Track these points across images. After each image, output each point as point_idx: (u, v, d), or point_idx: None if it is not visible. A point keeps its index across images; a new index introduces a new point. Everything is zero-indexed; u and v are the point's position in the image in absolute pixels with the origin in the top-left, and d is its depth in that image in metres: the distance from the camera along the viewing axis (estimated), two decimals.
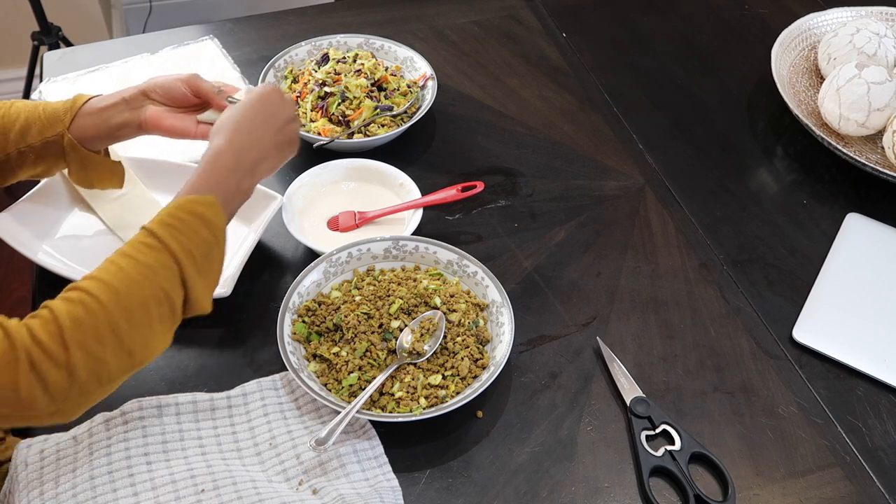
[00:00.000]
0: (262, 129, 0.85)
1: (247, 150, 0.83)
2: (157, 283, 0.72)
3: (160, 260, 0.73)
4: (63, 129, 0.88)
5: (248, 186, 0.84)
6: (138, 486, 0.78)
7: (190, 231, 0.75)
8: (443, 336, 0.89)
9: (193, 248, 0.75)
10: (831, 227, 1.10)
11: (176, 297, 0.74)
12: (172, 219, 0.75)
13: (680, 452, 0.84)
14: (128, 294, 0.70)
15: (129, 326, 0.70)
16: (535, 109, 1.26)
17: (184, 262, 0.74)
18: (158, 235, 0.74)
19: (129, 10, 2.61)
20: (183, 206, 0.77)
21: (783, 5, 1.49)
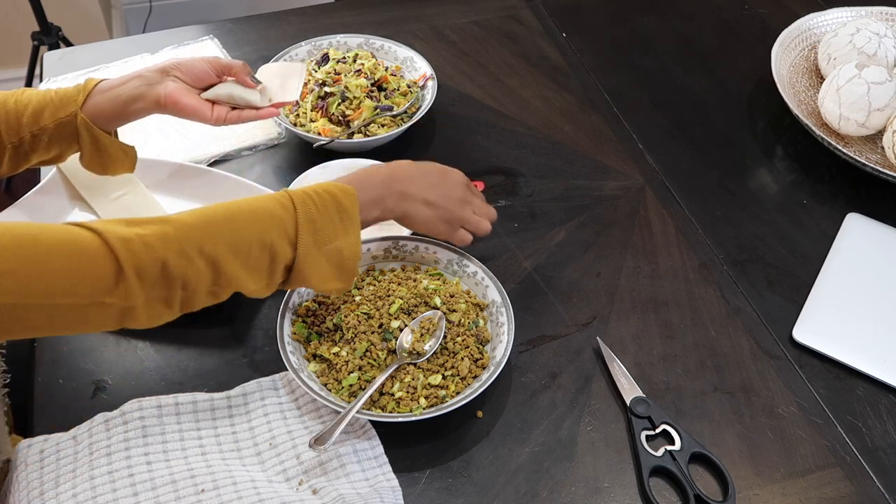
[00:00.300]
0: (425, 177, 0.89)
1: (404, 179, 0.87)
2: (268, 231, 0.75)
3: (279, 214, 0.76)
4: (76, 108, 0.88)
5: (390, 206, 0.86)
6: (138, 486, 0.78)
7: (320, 203, 0.78)
8: (443, 336, 0.89)
9: (318, 220, 0.78)
10: (831, 227, 1.10)
11: (281, 252, 0.76)
12: (310, 191, 0.79)
13: (680, 452, 0.84)
14: (237, 222, 0.74)
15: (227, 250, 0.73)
16: (535, 109, 1.26)
17: (302, 229, 0.77)
18: (291, 196, 0.78)
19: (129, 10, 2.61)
20: (322, 185, 0.81)
21: (783, 5, 1.49)
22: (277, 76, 1.01)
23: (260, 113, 0.96)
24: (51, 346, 0.91)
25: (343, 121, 1.14)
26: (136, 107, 0.90)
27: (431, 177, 0.90)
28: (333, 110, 1.13)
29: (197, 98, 0.92)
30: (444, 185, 0.90)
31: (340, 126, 1.14)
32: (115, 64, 1.28)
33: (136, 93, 0.90)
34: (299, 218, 0.77)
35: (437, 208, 0.89)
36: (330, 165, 1.08)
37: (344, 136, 1.12)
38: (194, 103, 0.92)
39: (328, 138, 1.11)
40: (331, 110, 1.14)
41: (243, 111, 0.95)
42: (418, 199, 0.88)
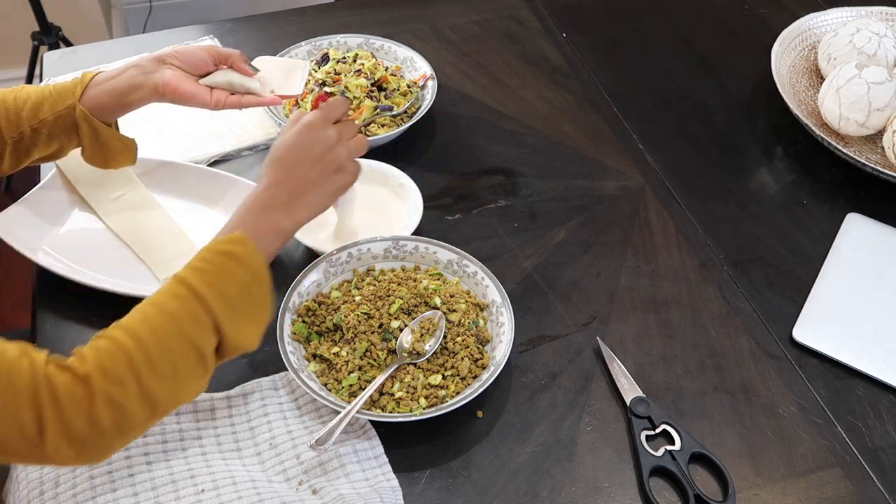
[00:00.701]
0: (298, 164, 0.81)
1: (281, 184, 0.80)
2: (183, 333, 0.70)
3: (187, 308, 0.70)
4: (74, 100, 0.88)
5: (287, 225, 0.80)
6: (138, 486, 0.78)
7: (220, 272, 0.73)
8: (443, 336, 0.89)
9: (227, 289, 0.72)
10: (831, 227, 1.10)
11: (205, 346, 0.71)
12: (201, 262, 0.73)
13: (680, 452, 0.84)
14: (151, 341, 0.68)
15: (154, 377, 0.68)
16: (535, 109, 1.26)
17: (215, 307, 0.71)
18: (186, 281, 0.71)
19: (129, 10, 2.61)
20: (211, 248, 0.74)
21: (783, 5, 1.49)
22: (281, 69, 1.00)
23: (262, 100, 0.95)
24: (51, 346, 0.91)
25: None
26: (134, 96, 0.90)
27: (297, 156, 0.81)
28: None
29: (195, 84, 0.92)
30: (315, 145, 0.82)
31: None
32: (114, 64, 1.28)
33: (134, 82, 0.89)
34: (207, 299, 0.71)
35: (323, 178, 0.82)
36: None
37: None
38: (193, 88, 0.91)
39: None
40: None
41: (244, 97, 0.94)
42: (304, 193, 0.81)
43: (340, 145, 0.84)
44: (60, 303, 0.95)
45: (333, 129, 0.84)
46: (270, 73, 0.99)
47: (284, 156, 0.82)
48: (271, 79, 0.98)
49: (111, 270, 0.97)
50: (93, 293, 0.93)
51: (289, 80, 0.99)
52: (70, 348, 0.89)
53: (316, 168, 0.82)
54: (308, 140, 0.82)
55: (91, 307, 0.94)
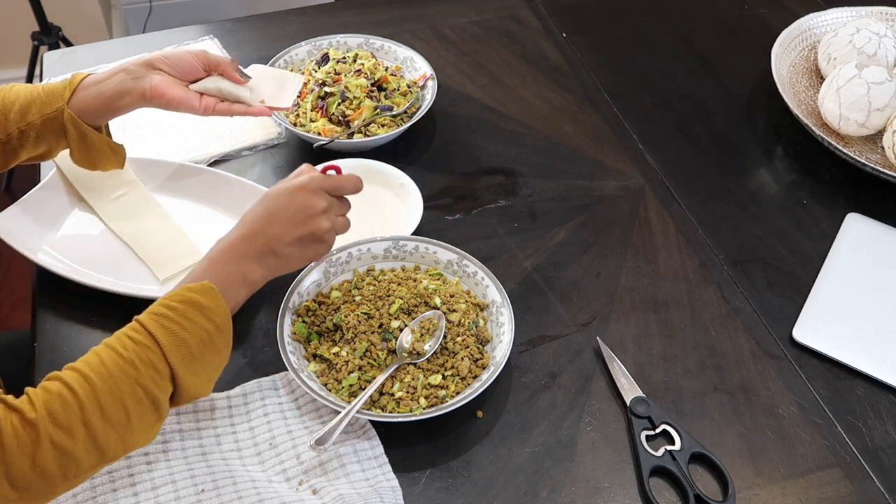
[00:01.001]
0: (280, 222, 0.80)
1: (258, 236, 0.79)
2: (138, 381, 0.69)
3: (143, 355, 0.70)
4: (62, 104, 0.88)
5: (256, 278, 0.79)
6: (138, 486, 0.78)
7: (184, 320, 0.72)
8: (443, 336, 0.89)
9: (189, 338, 0.72)
10: (831, 227, 1.10)
11: (160, 394, 0.70)
12: (166, 308, 0.72)
13: (680, 452, 0.84)
14: (104, 388, 0.67)
15: (103, 422, 0.67)
16: (535, 109, 1.26)
17: (171, 353, 0.70)
18: (146, 327, 0.71)
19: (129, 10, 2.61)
20: (178, 295, 0.73)
21: (783, 5, 1.49)
22: (273, 79, 1.00)
23: (251, 109, 0.95)
24: (51, 346, 0.91)
25: (343, 121, 1.14)
26: (122, 102, 0.90)
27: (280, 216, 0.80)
28: (333, 110, 1.13)
29: (184, 89, 0.92)
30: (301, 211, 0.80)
31: (340, 126, 1.14)
32: (114, 64, 1.28)
33: (122, 87, 0.89)
34: (166, 349, 0.70)
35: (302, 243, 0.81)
36: None
37: (344, 136, 1.12)
38: (181, 94, 0.91)
39: (328, 138, 1.11)
40: (331, 110, 1.14)
41: (233, 105, 0.94)
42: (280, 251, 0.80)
43: (327, 218, 0.82)
44: (60, 303, 0.95)
45: (326, 201, 0.82)
46: (263, 82, 0.98)
47: (270, 208, 0.80)
48: (263, 89, 0.97)
49: (111, 270, 0.97)
50: (93, 293, 0.93)
51: (281, 92, 0.98)
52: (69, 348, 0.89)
53: (296, 231, 0.80)
54: (297, 202, 0.80)
55: (91, 307, 0.94)
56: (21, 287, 2.13)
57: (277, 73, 1.02)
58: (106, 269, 0.97)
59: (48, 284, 0.96)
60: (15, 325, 2.04)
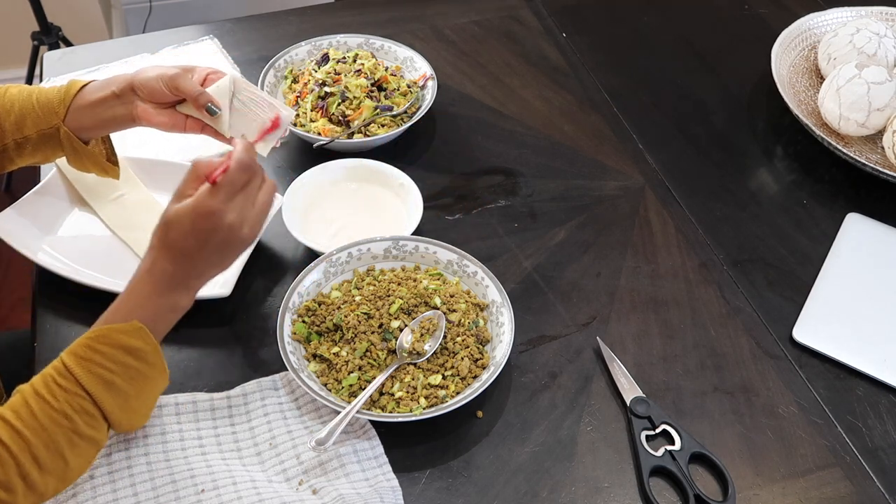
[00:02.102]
0: (201, 250, 0.76)
1: (181, 273, 0.76)
2: (72, 429, 0.69)
3: (74, 404, 0.69)
4: (58, 121, 0.89)
5: (186, 303, 0.78)
6: (138, 486, 0.78)
7: (110, 363, 0.71)
8: (443, 336, 0.89)
9: (115, 379, 0.71)
10: (831, 227, 1.10)
11: (96, 434, 0.71)
12: (91, 352, 0.71)
13: (680, 452, 0.84)
14: (38, 443, 0.67)
15: (41, 473, 0.68)
16: (535, 109, 1.26)
17: (102, 400, 0.70)
18: (74, 373, 0.70)
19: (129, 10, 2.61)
20: (103, 337, 0.72)
21: (783, 5, 1.49)
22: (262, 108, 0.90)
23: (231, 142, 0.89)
24: (50, 346, 0.91)
25: (343, 121, 1.14)
26: (118, 125, 0.91)
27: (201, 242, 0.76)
28: (333, 110, 1.13)
29: (167, 115, 0.90)
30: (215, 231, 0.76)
31: (340, 126, 1.14)
32: (114, 64, 1.28)
33: (116, 114, 0.90)
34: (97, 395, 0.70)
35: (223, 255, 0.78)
36: (330, 165, 1.08)
37: (344, 136, 1.12)
38: (164, 121, 0.90)
39: (328, 138, 1.11)
40: (331, 110, 1.14)
41: (216, 132, 0.92)
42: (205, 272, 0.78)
43: (243, 226, 0.77)
44: (60, 303, 0.95)
45: (234, 213, 0.76)
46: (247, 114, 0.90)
47: (179, 242, 0.75)
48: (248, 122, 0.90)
49: (111, 270, 0.97)
50: (93, 293, 0.93)
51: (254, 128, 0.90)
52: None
53: (216, 253, 0.77)
54: (206, 230, 0.75)
55: (91, 307, 0.93)
56: (21, 287, 2.13)
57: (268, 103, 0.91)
58: (106, 269, 0.97)
59: (48, 284, 0.96)
60: (15, 325, 2.04)
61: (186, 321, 0.80)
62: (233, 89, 0.90)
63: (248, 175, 0.77)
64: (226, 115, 0.89)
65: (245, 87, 0.91)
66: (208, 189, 0.75)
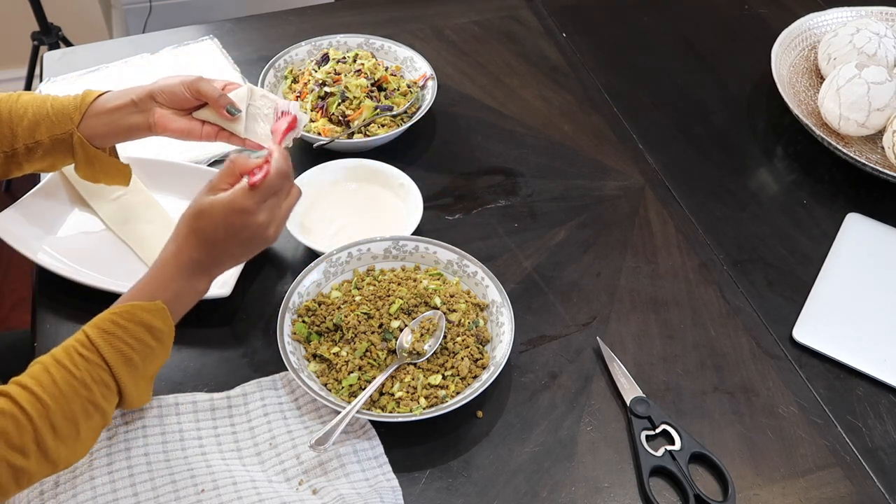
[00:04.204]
0: (225, 242, 0.79)
1: (206, 261, 0.80)
2: (89, 399, 0.71)
3: (94, 374, 0.72)
4: (72, 127, 0.89)
5: (206, 287, 0.82)
6: (138, 486, 0.78)
7: (131, 339, 0.74)
8: (443, 336, 0.89)
9: (134, 355, 0.74)
10: (831, 227, 1.10)
11: (108, 407, 0.74)
12: (114, 326, 0.74)
13: (680, 452, 0.84)
14: (57, 410, 0.69)
15: (56, 440, 0.69)
16: (535, 109, 1.26)
17: (120, 373, 0.73)
18: (97, 345, 0.72)
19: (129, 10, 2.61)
20: (127, 313, 0.75)
21: (783, 5, 1.49)
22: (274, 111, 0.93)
23: (246, 143, 0.94)
24: (51, 346, 0.91)
25: (343, 121, 1.14)
26: (131, 134, 0.92)
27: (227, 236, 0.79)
28: (333, 110, 1.13)
29: (185, 121, 0.92)
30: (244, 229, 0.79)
31: (340, 126, 1.14)
32: (115, 64, 1.28)
33: (132, 122, 0.90)
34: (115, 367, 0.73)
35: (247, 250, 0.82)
36: (330, 165, 1.08)
37: (344, 136, 1.12)
38: (182, 126, 0.92)
39: (328, 138, 1.11)
40: (331, 110, 1.14)
41: (231, 136, 0.94)
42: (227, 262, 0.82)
43: (271, 226, 0.81)
44: (60, 303, 0.95)
45: (265, 213, 0.80)
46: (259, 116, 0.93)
47: (209, 232, 0.79)
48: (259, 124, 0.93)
49: (111, 270, 0.97)
50: (93, 293, 0.93)
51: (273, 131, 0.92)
52: None
53: (242, 248, 0.81)
54: (236, 226, 0.79)
55: (91, 307, 0.93)
56: (21, 287, 2.13)
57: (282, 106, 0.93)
58: (106, 269, 0.97)
59: (48, 284, 0.96)
60: (15, 325, 2.04)
61: (187, 321, 0.80)
62: (249, 97, 0.93)
63: (283, 182, 0.82)
64: (243, 119, 0.92)
65: (261, 94, 0.93)
66: (246, 188, 0.79)
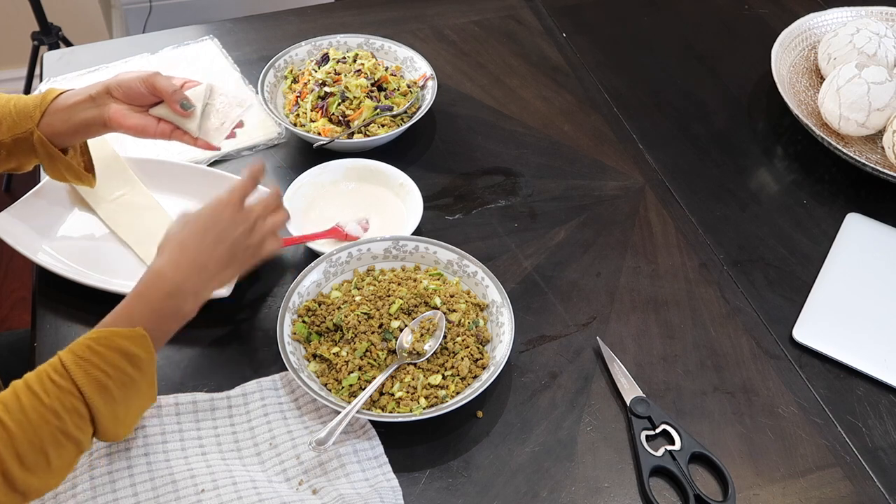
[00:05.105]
0: (209, 252, 0.77)
1: (190, 275, 0.77)
2: (60, 428, 0.68)
3: (66, 402, 0.68)
4: (32, 125, 0.88)
5: (191, 308, 0.78)
6: (138, 486, 0.78)
7: (107, 366, 0.70)
8: (443, 336, 0.89)
9: (110, 383, 0.70)
10: (831, 227, 1.10)
11: (82, 437, 0.70)
12: (90, 352, 0.70)
13: (680, 452, 0.84)
14: (23, 438, 0.66)
15: (23, 470, 0.66)
16: (535, 109, 1.26)
17: (94, 401, 0.69)
18: (70, 371, 0.69)
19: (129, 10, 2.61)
20: (104, 339, 0.71)
21: (783, 5, 1.49)
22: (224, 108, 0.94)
23: (196, 143, 0.94)
24: (51, 345, 0.91)
25: (343, 121, 1.14)
26: (88, 130, 0.91)
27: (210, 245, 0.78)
28: (333, 110, 1.13)
29: (140, 117, 0.91)
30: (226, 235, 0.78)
31: (340, 126, 1.14)
32: (115, 64, 1.28)
33: (88, 116, 0.89)
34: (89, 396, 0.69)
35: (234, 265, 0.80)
36: (330, 165, 1.08)
37: (344, 136, 1.12)
38: (136, 123, 0.91)
39: (328, 138, 1.11)
40: (331, 110, 1.14)
41: (184, 135, 0.94)
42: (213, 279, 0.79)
43: (255, 232, 0.79)
44: (60, 303, 0.95)
45: (245, 216, 0.78)
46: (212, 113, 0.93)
47: (189, 242, 0.77)
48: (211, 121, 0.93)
49: (111, 270, 0.97)
50: (93, 293, 0.93)
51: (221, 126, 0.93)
52: None
53: (226, 259, 0.79)
54: (217, 232, 0.77)
55: (91, 307, 0.94)
56: (21, 287, 2.13)
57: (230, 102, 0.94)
58: (106, 269, 0.97)
59: (48, 284, 0.96)
60: (15, 325, 2.04)
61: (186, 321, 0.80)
62: (208, 95, 0.93)
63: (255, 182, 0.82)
64: (197, 117, 0.92)
65: (220, 92, 0.93)
66: (227, 194, 0.78)
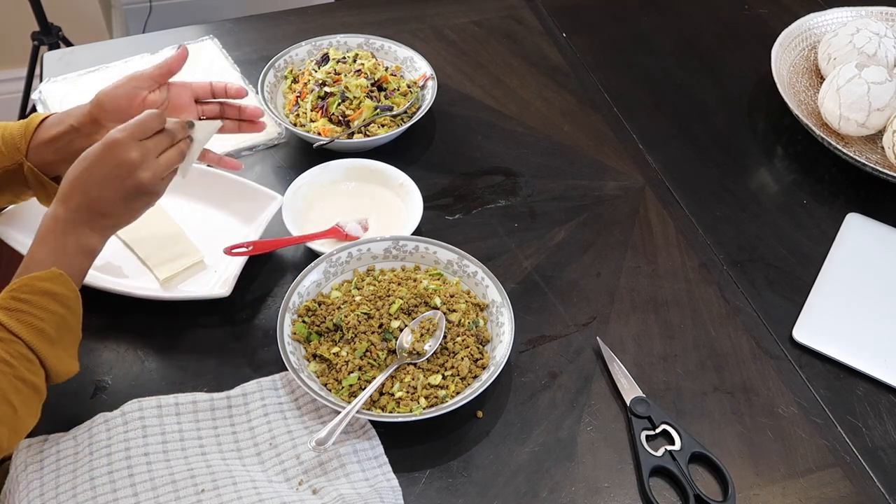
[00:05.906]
0: (98, 190, 0.78)
1: (81, 211, 0.78)
2: (16, 375, 0.72)
3: (13, 350, 0.72)
4: (21, 157, 0.87)
5: (94, 243, 0.80)
6: (138, 486, 0.78)
7: (39, 310, 0.74)
8: (443, 336, 0.89)
9: (46, 327, 0.74)
10: (831, 227, 1.10)
11: (37, 379, 0.74)
12: (17, 302, 0.74)
13: (680, 452, 0.84)
14: None
15: None
16: (535, 109, 1.26)
17: (37, 345, 0.73)
18: (6, 325, 0.73)
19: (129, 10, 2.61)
20: (25, 286, 0.75)
21: (783, 5, 1.49)
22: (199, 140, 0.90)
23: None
24: None
25: (343, 121, 1.14)
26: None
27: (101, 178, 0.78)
28: (333, 110, 1.13)
29: None
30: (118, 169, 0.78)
31: (340, 126, 1.14)
32: (115, 64, 1.28)
33: (80, 146, 0.86)
34: (30, 340, 0.73)
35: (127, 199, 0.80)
36: (330, 165, 1.08)
37: (344, 136, 1.12)
38: None
39: (328, 138, 1.11)
40: (331, 110, 1.14)
41: None
42: (109, 213, 0.79)
43: (144, 168, 0.79)
44: None
45: (137, 150, 0.79)
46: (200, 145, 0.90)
47: (81, 176, 0.79)
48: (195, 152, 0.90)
49: (111, 270, 0.97)
50: (92, 293, 0.93)
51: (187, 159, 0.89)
52: None
53: (116, 192, 0.79)
54: (107, 163, 0.78)
55: (91, 307, 0.93)
56: None
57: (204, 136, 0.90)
58: (106, 269, 0.97)
59: None
60: None
61: (187, 321, 0.80)
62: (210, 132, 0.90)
63: (157, 124, 0.81)
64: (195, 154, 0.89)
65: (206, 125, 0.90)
66: (118, 132, 0.79)
